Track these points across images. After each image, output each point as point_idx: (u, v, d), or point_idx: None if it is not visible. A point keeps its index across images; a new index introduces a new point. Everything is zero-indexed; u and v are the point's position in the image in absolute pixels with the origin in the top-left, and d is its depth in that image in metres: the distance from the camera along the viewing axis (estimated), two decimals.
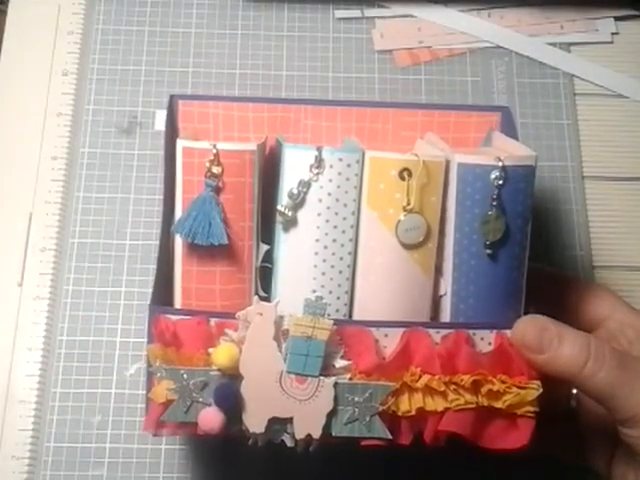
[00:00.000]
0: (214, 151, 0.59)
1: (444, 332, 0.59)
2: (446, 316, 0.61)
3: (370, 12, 0.88)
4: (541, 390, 0.58)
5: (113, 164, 0.81)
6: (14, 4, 0.86)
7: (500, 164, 0.59)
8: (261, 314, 0.57)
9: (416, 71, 0.86)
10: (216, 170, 0.59)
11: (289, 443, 0.58)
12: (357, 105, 0.69)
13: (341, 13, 0.88)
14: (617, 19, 0.89)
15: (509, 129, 0.67)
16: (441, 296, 0.62)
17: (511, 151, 0.62)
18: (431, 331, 0.59)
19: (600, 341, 0.58)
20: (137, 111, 0.83)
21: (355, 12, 0.88)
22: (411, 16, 0.88)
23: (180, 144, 0.60)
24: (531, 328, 0.58)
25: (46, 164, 0.81)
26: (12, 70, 0.84)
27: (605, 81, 0.87)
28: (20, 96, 0.83)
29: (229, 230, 0.60)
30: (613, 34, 0.89)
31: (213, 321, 0.59)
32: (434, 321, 0.62)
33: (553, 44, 0.88)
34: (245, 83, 0.84)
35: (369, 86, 0.85)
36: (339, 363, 0.57)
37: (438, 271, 0.62)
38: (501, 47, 0.87)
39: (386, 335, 0.59)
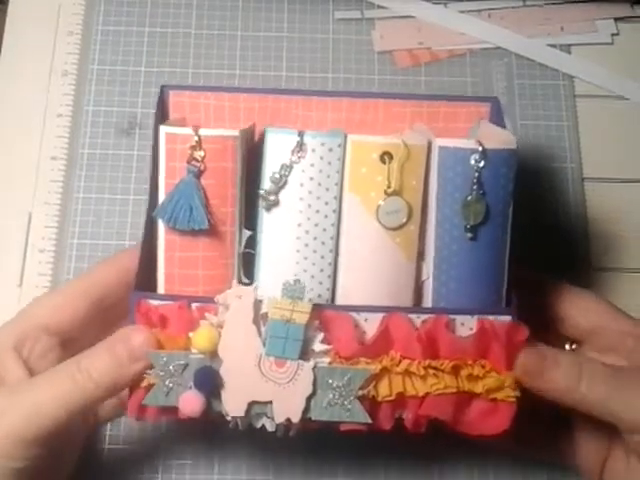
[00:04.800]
0: (196, 137, 0.59)
1: (424, 317, 0.59)
2: (428, 301, 0.61)
3: (370, 13, 0.88)
4: None
5: (113, 165, 0.81)
6: (14, 4, 0.87)
7: (480, 148, 0.59)
8: (240, 297, 0.57)
9: (416, 72, 0.86)
10: (198, 155, 0.59)
11: (269, 428, 0.58)
12: (347, 96, 0.69)
13: (341, 14, 0.88)
14: (617, 20, 0.89)
15: (498, 119, 0.67)
16: (423, 281, 0.61)
17: (495, 137, 0.62)
18: (412, 316, 0.59)
19: (590, 360, 0.60)
20: (137, 111, 0.83)
21: (355, 13, 0.88)
22: (411, 17, 0.88)
23: (163, 130, 0.60)
24: (531, 358, 0.59)
25: (46, 165, 0.81)
26: (12, 70, 0.84)
27: (605, 82, 0.86)
28: (20, 96, 0.83)
29: (211, 215, 0.59)
30: (613, 35, 0.88)
31: (194, 306, 0.59)
32: (416, 306, 0.61)
33: (553, 45, 0.87)
34: (245, 83, 0.84)
35: (369, 87, 0.85)
36: (318, 347, 0.57)
37: (420, 256, 0.62)
38: (501, 48, 0.87)
39: (366, 320, 0.59)
